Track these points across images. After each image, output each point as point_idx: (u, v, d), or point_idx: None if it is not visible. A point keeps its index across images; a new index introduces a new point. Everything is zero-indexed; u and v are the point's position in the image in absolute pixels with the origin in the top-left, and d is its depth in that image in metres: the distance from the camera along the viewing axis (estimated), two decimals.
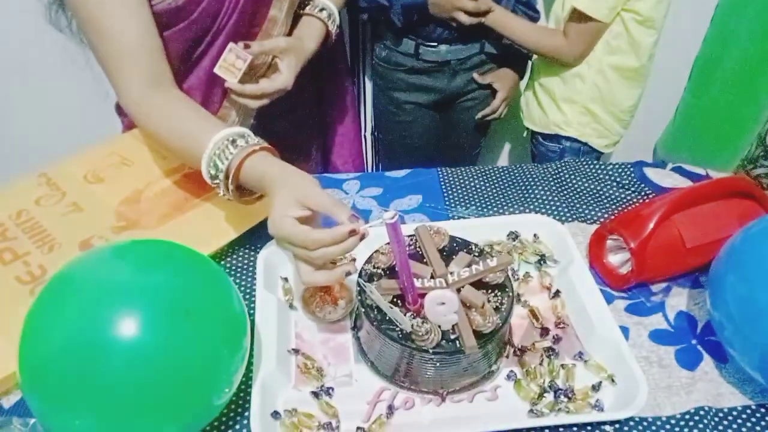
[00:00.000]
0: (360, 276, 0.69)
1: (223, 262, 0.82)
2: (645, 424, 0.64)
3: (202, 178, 0.86)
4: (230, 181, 0.71)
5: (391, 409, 0.65)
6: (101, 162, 0.89)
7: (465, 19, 1.20)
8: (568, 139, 1.28)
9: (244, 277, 0.81)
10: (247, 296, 0.78)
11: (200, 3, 0.85)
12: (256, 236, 0.84)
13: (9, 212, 0.80)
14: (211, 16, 0.88)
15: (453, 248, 0.73)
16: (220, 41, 0.91)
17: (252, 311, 0.73)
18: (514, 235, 0.83)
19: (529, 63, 1.40)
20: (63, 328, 0.53)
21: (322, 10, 0.96)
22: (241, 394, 0.67)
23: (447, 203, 0.94)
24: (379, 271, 0.70)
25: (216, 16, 0.88)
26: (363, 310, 0.67)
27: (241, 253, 0.84)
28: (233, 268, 0.82)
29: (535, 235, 0.83)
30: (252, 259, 0.83)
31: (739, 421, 0.65)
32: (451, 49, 1.30)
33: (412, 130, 1.44)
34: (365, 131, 1.61)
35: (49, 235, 0.77)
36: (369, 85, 1.58)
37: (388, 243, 0.68)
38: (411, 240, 0.73)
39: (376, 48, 1.38)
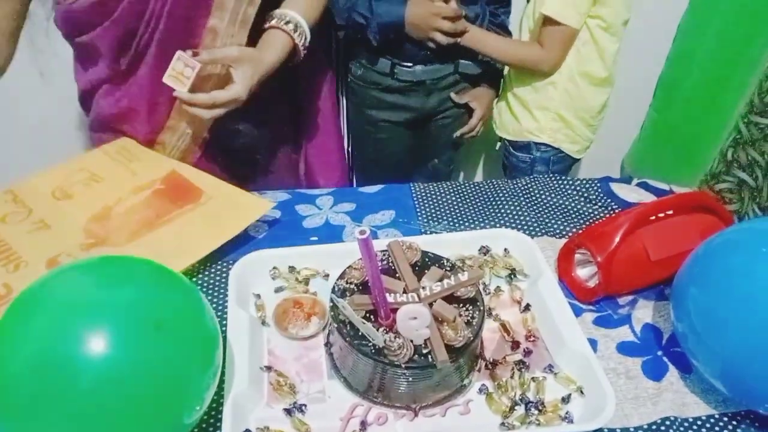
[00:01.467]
0: (333, 291, 0.69)
1: (194, 279, 0.82)
2: None
3: (173, 195, 0.87)
4: None
5: (364, 425, 0.65)
6: (70, 178, 0.88)
7: (442, 39, 1.22)
8: (539, 148, 1.31)
9: (216, 294, 0.80)
10: (219, 313, 0.77)
11: (120, 0, 0.86)
12: (228, 253, 0.84)
13: None
14: (135, 16, 0.88)
15: (425, 263, 0.74)
16: (153, 49, 0.90)
17: (224, 328, 0.72)
18: (485, 250, 0.85)
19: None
20: (29, 345, 0.51)
21: (287, 22, 0.94)
22: (213, 412, 0.66)
23: (419, 218, 0.95)
24: (352, 286, 0.70)
25: (141, 16, 0.88)
26: (336, 325, 0.67)
27: (212, 270, 0.83)
28: (205, 284, 0.82)
29: (505, 250, 0.85)
30: (224, 275, 0.82)
31: (704, 430, 0.67)
32: (426, 69, 1.32)
33: (387, 147, 1.45)
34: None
35: (14, 253, 0.76)
36: (343, 103, 1.59)
37: (361, 258, 0.69)
38: (383, 255, 0.74)
39: (352, 66, 1.39)
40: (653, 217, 0.78)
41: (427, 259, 0.75)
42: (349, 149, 1.56)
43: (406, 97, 1.36)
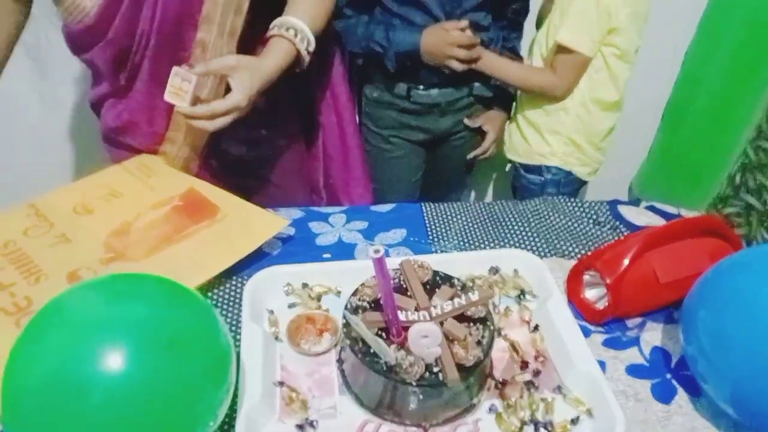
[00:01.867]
0: (346, 308, 0.71)
1: (209, 294, 0.83)
2: None
3: (191, 211, 0.89)
4: None
5: None
6: (91, 194, 0.91)
7: (457, 66, 1.24)
8: (549, 170, 1.32)
9: (230, 309, 0.82)
10: (233, 328, 0.79)
11: (111, 21, 0.89)
12: (242, 268, 0.86)
13: None
14: (127, 35, 0.91)
15: (436, 282, 0.75)
16: (147, 65, 0.93)
17: (238, 343, 0.73)
18: (494, 270, 0.86)
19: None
20: (46, 361, 0.53)
21: (288, 29, 0.95)
22: (225, 427, 0.67)
23: (430, 237, 0.96)
24: (365, 303, 0.72)
25: (132, 35, 0.91)
26: (348, 342, 0.68)
27: (227, 285, 0.85)
28: (219, 299, 0.83)
29: (515, 270, 0.86)
30: (238, 290, 0.84)
31: None
32: (442, 92, 1.34)
33: (401, 166, 1.47)
34: None
35: (36, 266, 0.78)
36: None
37: (374, 276, 0.70)
38: (396, 273, 0.75)
39: (367, 88, 1.41)
40: (663, 240, 0.79)
41: (438, 278, 0.76)
42: None
43: (422, 119, 1.39)
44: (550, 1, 1.31)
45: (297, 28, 0.95)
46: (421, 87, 1.33)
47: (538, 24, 1.37)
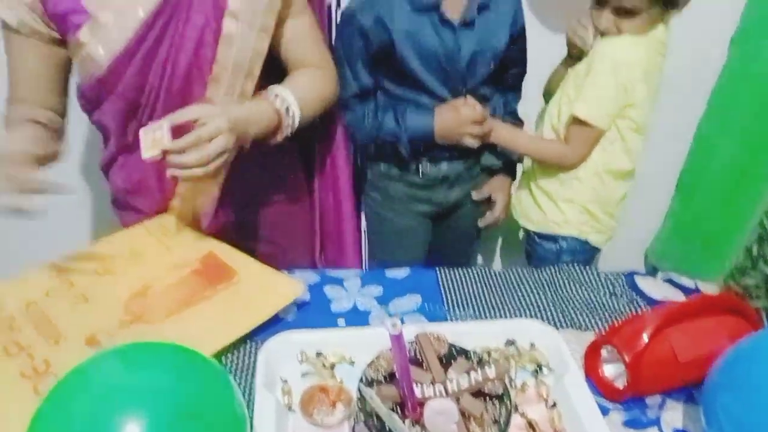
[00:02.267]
0: (360, 381, 0.70)
1: (224, 359, 0.83)
2: None
3: (209, 275, 0.90)
4: None
5: None
6: (112, 254, 0.92)
7: (472, 142, 1.23)
8: (565, 239, 1.32)
9: (244, 375, 0.82)
10: (246, 394, 0.78)
11: (122, 75, 0.93)
12: (257, 333, 0.86)
13: (19, 304, 0.82)
14: (136, 90, 0.95)
15: (452, 354, 0.75)
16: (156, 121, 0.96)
17: (250, 411, 0.73)
18: (511, 342, 0.85)
19: (519, 165, 1.46)
20: (68, 430, 0.53)
21: (276, 96, 0.96)
22: None
23: (445, 304, 0.96)
24: (380, 376, 0.71)
25: (141, 90, 0.95)
26: (362, 416, 0.67)
27: (241, 350, 0.85)
28: (233, 365, 0.83)
29: (531, 343, 0.85)
30: (252, 356, 0.84)
31: None
32: (451, 165, 1.34)
33: (408, 238, 1.45)
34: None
35: (55, 328, 0.79)
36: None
37: (389, 348, 0.70)
38: (411, 345, 0.75)
39: (374, 162, 1.39)
40: (681, 318, 0.78)
41: (454, 351, 0.75)
42: (368, 235, 1.55)
43: (430, 192, 1.38)
44: (558, 74, 1.34)
45: (284, 98, 0.97)
46: (431, 162, 1.32)
47: (546, 96, 1.40)
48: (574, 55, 1.28)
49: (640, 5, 1.11)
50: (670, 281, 1.02)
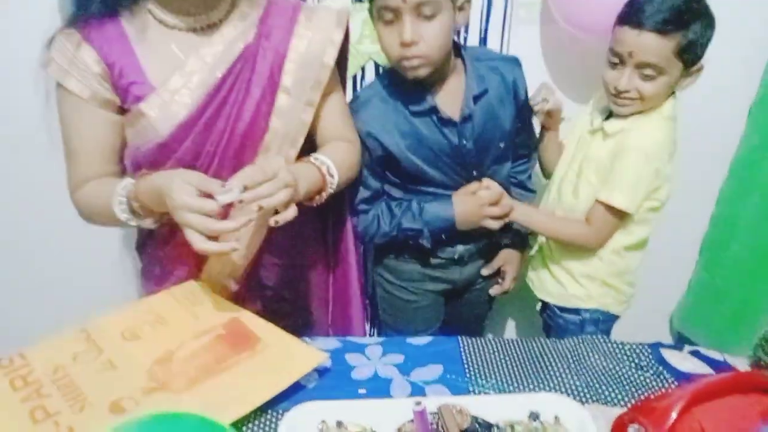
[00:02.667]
0: None
1: (244, 428, 0.83)
2: None
3: (232, 341, 0.91)
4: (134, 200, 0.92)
5: None
6: (138, 319, 0.94)
7: (494, 225, 1.22)
8: (587, 310, 1.30)
9: None
10: None
11: (183, 141, 0.98)
12: (278, 401, 0.85)
13: (46, 368, 0.83)
14: (194, 156, 1.00)
15: (475, 429, 0.74)
16: None
17: None
18: (535, 416, 0.83)
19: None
20: None
21: (317, 159, 1.03)
22: None
23: (468, 375, 0.95)
24: None
25: (198, 155, 1.00)
26: None
27: (262, 419, 0.85)
28: None
29: (556, 417, 0.83)
30: (273, 425, 0.83)
31: None
32: (466, 245, 1.34)
33: (422, 315, 1.44)
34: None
35: (81, 394, 0.79)
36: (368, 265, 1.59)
37: (411, 421, 0.70)
38: (434, 418, 0.74)
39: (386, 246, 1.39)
40: (709, 396, 0.76)
41: (477, 425, 0.75)
42: (380, 311, 1.53)
43: (445, 271, 1.37)
44: (546, 148, 1.34)
45: (325, 161, 1.03)
46: (446, 243, 1.32)
47: (542, 166, 1.39)
48: (549, 127, 1.30)
49: (665, 62, 1.08)
50: (697, 353, 1.00)
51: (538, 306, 1.42)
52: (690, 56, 1.09)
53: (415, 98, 1.17)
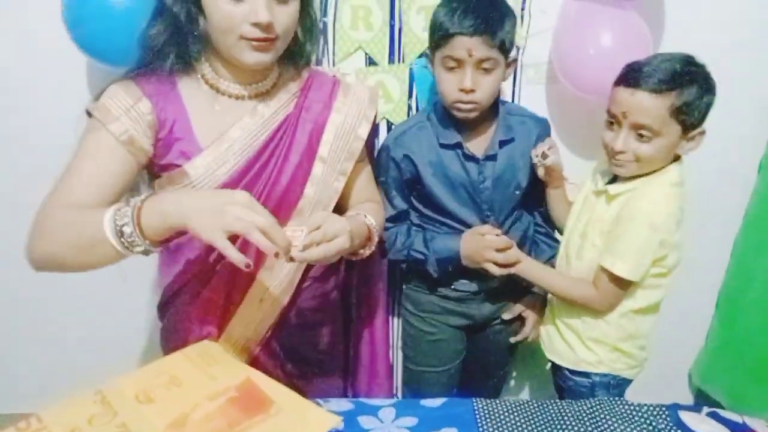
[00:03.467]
0: None
1: None
2: None
3: (245, 404, 0.91)
4: (135, 226, 0.85)
5: None
6: (152, 381, 0.94)
7: (495, 270, 1.25)
8: (598, 374, 1.25)
9: None
10: None
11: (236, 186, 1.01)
12: None
13: (63, 431, 0.83)
14: None
15: None
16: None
17: None
18: None
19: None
20: None
21: (366, 217, 1.11)
22: None
23: None
24: None
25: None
26: None
27: None
28: None
29: None
30: None
31: None
32: (482, 282, 1.36)
33: (442, 350, 1.46)
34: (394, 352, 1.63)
35: None
36: (393, 304, 1.65)
37: None
38: None
39: (409, 274, 1.47)
40: None
41: None
42: (403, 350, 1.56)
43: (464, 305, 1.41)
44: (553, 206, 1.34)
45: (369, 218, 1.12)
46: (464, 278, 1.37)
47: (554, 225, 1.38)
48: (548, 184, 1.31)
49: (660, 124, 1.06)
50: (716, 415, 0.98)
51: (548, 365, 1.38)
52: (687, 119, 1.07)
53: (446, 133, 1.29)
